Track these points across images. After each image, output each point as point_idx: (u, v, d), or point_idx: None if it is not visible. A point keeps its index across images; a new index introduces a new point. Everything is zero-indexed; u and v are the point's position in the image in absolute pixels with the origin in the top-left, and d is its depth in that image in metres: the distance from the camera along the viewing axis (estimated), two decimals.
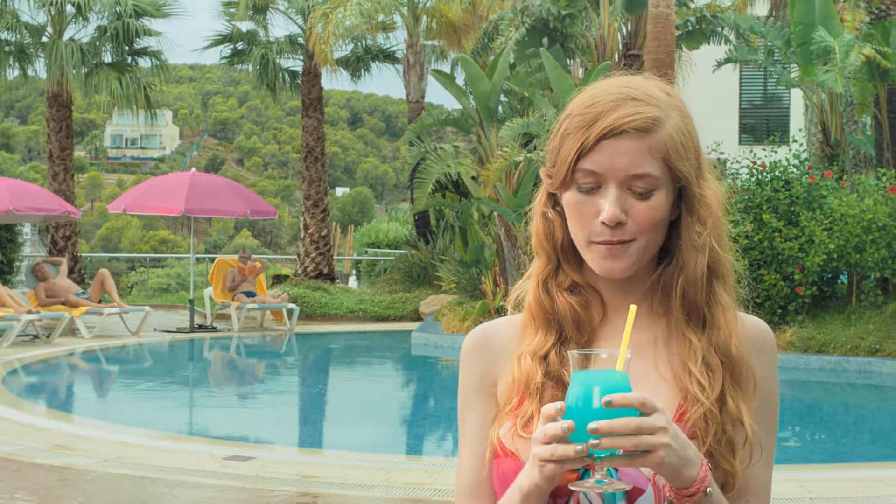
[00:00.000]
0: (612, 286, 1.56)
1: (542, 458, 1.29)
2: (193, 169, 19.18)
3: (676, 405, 1.47)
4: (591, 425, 1.24)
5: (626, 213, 1.46)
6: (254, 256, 19.00)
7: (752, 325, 1.55)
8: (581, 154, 1.46)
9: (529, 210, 1.62)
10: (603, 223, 1.46)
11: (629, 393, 1.27)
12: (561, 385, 1.48)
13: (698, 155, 1.52)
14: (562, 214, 1.54)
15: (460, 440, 1.59)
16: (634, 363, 1.38)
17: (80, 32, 21.70)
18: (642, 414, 1.26)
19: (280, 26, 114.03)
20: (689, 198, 1.51)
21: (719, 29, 18.87)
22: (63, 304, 15.93)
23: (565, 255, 1.56)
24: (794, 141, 15.90)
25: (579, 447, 1.26)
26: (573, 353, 1.31)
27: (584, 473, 1.36)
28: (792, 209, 13.57)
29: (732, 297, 1.55)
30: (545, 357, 1.52)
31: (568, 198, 1.50)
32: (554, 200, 1.56)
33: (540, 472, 1.32)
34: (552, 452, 1.28)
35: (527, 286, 1.60)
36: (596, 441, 1.25)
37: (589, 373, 1.29)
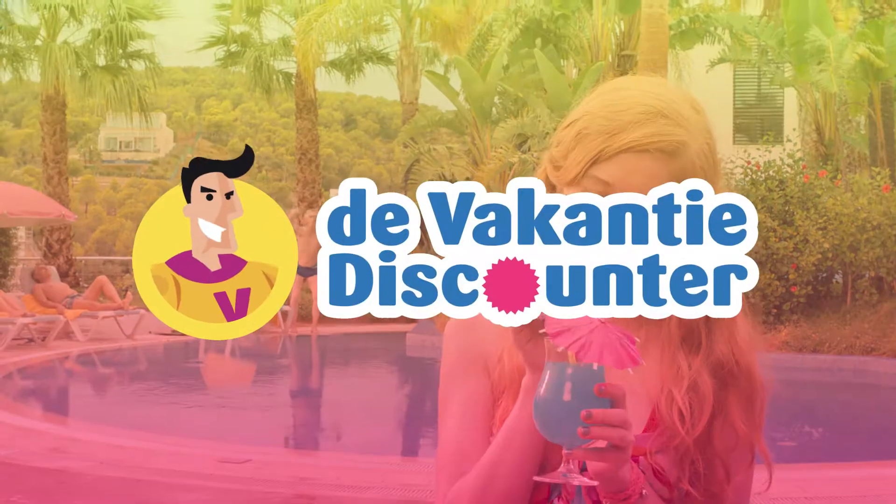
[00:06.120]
0: None
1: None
2: None
3: (647, 418, 1.42)
4: (587, 412, 1.19)
5: None
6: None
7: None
8: (597, 161, 1.39)
9: None
10: None
11: (618, 384, 1.22)
12: None
13: (716, 169, 1.45)
14: None
15: (445, 415, 1.51)
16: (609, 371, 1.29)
17: (74, 35, 21.70)
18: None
19: (274, 28, 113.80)
20: None
21: (712, 29, 18.89)
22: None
23: None
24: (789, 140, 15.92)
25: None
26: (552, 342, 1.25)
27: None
28: (786, 209, 13.58)
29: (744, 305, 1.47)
30: None
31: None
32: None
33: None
34: None
35: None
36: (586, 429, 1.20)
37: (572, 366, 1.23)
